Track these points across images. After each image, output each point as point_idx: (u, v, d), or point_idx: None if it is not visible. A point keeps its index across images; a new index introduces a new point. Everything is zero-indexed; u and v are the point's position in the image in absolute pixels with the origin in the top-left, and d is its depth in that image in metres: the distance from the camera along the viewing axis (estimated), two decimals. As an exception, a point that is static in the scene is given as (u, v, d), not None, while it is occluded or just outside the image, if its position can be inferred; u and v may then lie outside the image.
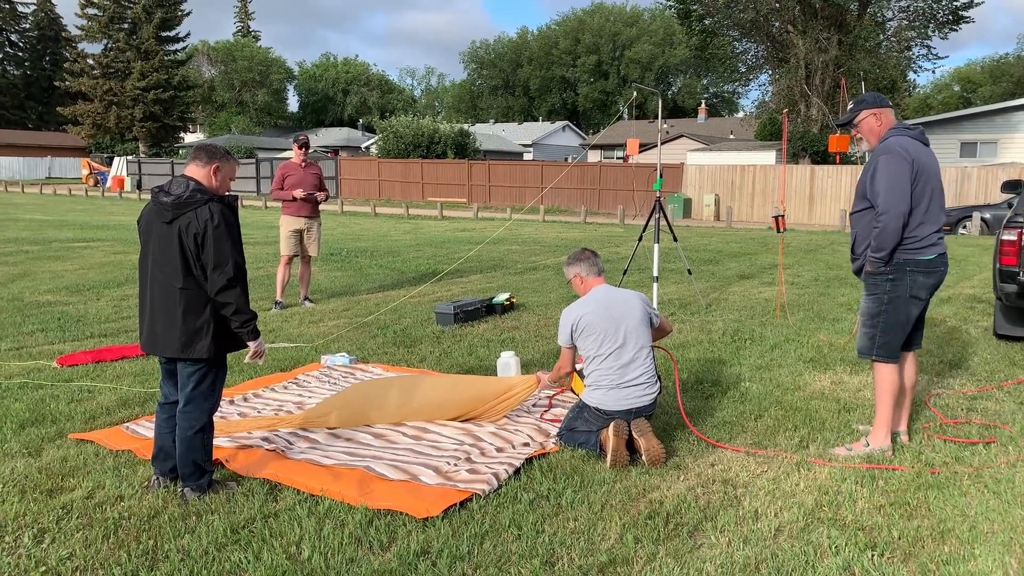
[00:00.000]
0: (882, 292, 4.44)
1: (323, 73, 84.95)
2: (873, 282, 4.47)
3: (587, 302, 4.63)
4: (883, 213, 4.27)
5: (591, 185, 31.46)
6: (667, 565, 3.23)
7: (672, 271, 12.07)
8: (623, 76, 72.54)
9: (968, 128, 29.28)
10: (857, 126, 4.60)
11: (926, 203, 4.34)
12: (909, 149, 4.32)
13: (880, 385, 4.53)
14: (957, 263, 13.56)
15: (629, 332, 4.52)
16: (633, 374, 4.50)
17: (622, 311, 4.56)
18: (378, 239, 18.19)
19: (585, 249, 4.85)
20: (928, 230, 4.36)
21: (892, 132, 4.45)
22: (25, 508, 3.72)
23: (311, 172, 9.04)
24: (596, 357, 4.53)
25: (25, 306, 9.00)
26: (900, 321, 4.45)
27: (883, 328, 4.46)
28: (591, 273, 4.76)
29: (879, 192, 4.30)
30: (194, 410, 3.83)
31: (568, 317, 4.63)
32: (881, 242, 4.31)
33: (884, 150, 4.37)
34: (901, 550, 3.38)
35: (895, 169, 4.28)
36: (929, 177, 4.36)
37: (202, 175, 3.80)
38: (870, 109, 4.53)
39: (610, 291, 4.68)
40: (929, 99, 70.41)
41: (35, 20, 74.47)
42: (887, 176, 4.28)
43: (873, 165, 4.39)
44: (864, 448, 4.47)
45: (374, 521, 3.60)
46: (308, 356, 6.78)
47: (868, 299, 4.53)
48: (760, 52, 34.24)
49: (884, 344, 4.48)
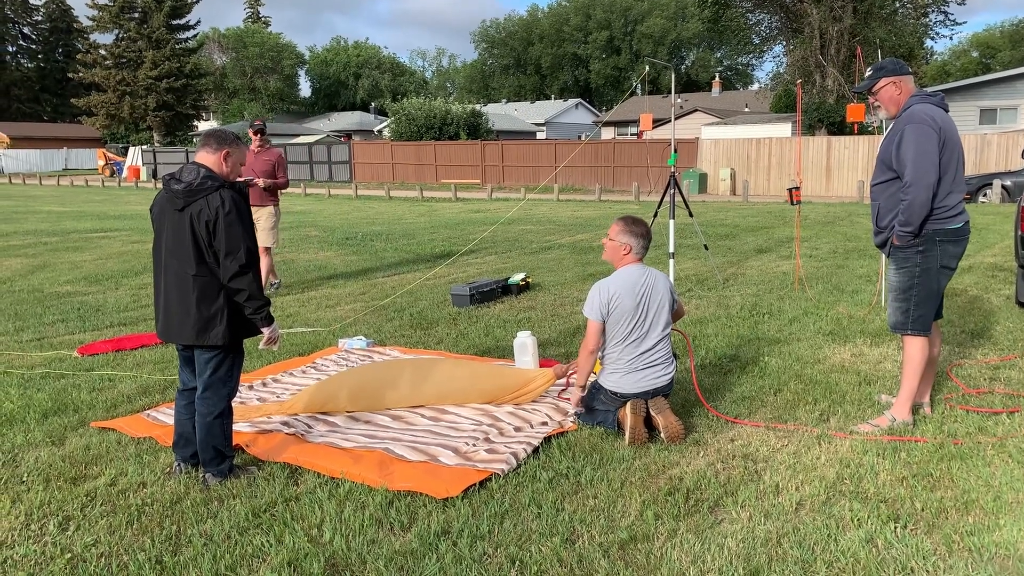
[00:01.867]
0: (913, 265, 4.33)
1: (334, 57, 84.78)
2: (903, 255, 4.36)
3: (621, 283, 4.41)
4: (912, 185, 4.15)
5: (605, 162, 31.27)
6: (688, 541, 3.22)
7: (688, 247, 12.00)
8: (635, 51, 71.91)
9: (987, 94, 28.82)
10: (876, 94, 4.45)
11: (953, 172, 4.24)
12: (936, 117, 4.20)
13: (912, 359, 4.44)
14: (978, 231, 13.40)
15: (656, 319, 4.43)
16: (652, 357, 4.44)
17: (652, 297, 4.42)
18: (393, 222, 18.20)
19: (646, 225, 4.56)
20: (956, 199, 4.26)
21: (914, 99, 4.31)
22: (50, 496, 3.76)
23: (263, 159, 8.67)
24: (620, 342, 4.44)
25: (45, 297, 9.09)
26: (933, 292, 4.37)
27: (916, 301, 4.37)
28: (638, 253, 4.50)
29: (907, 163, 4.18)
30: (212, 396, 3.85)
31: (603, 293, 4.40)
32: (910, 215, 4.19)
33: (910, 118, 4.23)
34: (925, 522, 3.36)
35: (924, 139, 4.14)
36: (954, 145, 4.25)
37: (212, 161, 3.79)
38: (890, 77, 4.38)
39: (643, 273, 4.46)
40: (947, 66, 69.34)
41: (47, 12, 74.78)
42: (915, 146, 4.15)
43: (899, 134, 4.25)
44: (889, 422, 4.41)
45: (394, 502, 3.61)
46: (325, 340, 6.80)
47: (898, 273, 4.41)
48: (774, 23, 33.84)
49: (919, 318, 4.39)
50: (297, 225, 17.69)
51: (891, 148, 4.30)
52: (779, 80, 35.41)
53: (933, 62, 62.56)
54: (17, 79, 72.20)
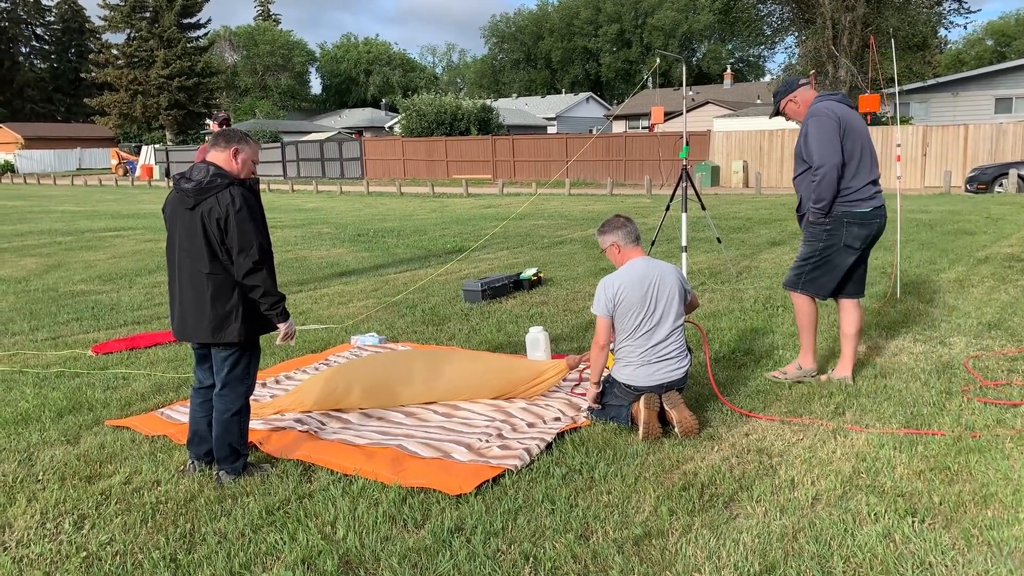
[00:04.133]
0: (818, 240, 4.92)
1: (345, 54, 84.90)
2: (812, 232, 4.93)
3: (626, 276, 4.40)
4: (820, 166, 4.70)
5: (617, 156, 31.16)
6: (703, 536, 3.20)
7: (701, 240, 11.94)
8: (646, 44, 71.60)
9: (1003, 83, 28.53)
10: (785, 113, 5.11)
11: (858, 157, 4.76)
12: (834, 109, 4.77)
13: (799, 315, 5.14)
14: (994, 222, 13.27)
15: (666, 311, 4.39)
16: (664, 350, 4.40)
17: (660, 288, 4.39)
18: (404, 218, 18.21)
19: (619, 216, 4.59)
20: (862, 181, 4.79)
21: (817, 99, 4.90)
22: (65, 495, 3.78)
23: None
24: (631, 335, 4.41)
25: (60, 296, 9.14)
26: (831, 266, 4.93)
27: (810, 268, 4.99)
28: (628, 241, 4.51)
29: (813, 150, 4.74)
30: (230, 393, 3.85)
31: (607, 289, 4.41)
32: (820, 192, 4.73)
33: (811, 114, 4.82)
34: (943, 516, 3.32)
35: (823, 127, 4.71)
36: (857, 134, 4.78)
37: (222, 159, 3.79)
38: (786, 96, 5.06)
39: (649, 265, 4.44)
40: (961, 55, 68.67)
41: (59, 13, 75.22)
42: (817, 134, 4.72)
43: (805, 129, 4.82)
44: (796, 369, 5.10)
45: (407, 499, 3.60)
46: (338, 337, 6.81)
47: (805, 244, 5.01)
48: (785, 13, 33.59)
49: (810, 280, 5.01)
50: (309, 222, 17.73)
51: (801, 142, 4.89)
52: (791, 71, 35.14)
53: (947, 51, 62.00)
54: (30, 80, 72.68)
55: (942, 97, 30.55)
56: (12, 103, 71.09)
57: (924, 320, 6.59)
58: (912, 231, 12.26)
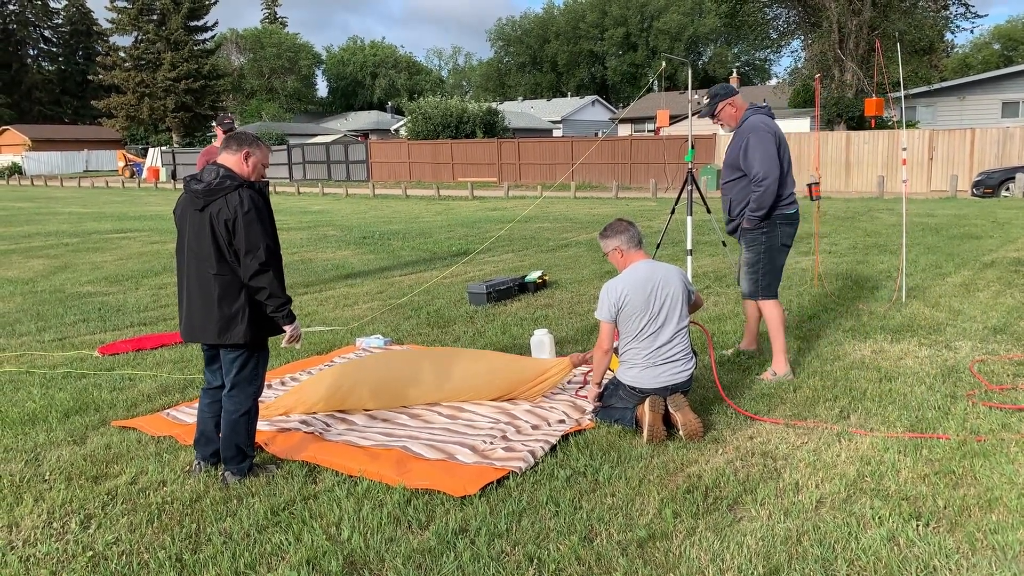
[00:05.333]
0: (759, 244, 5.30)
1: (351, 57, 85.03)
2: (751, 236, 5.32)
3: (629, 280, 4.42)
4: (764, 179, 5.10)
5: (622, 159, 31.15)
6: (707, 539, 3.20)
7: (706, 243, 11.94)
8: (652, 47, 71.57)
9: (1010, 87, 28.48)
10: (718, 116, 5.44)
11: (786, 168, 5.24)
12: (769, 125, 5.20)
13: (771, 320, 5.33)
14: (1000, 226, 13.24)
15: (670, 313, 4.40)
16: (669, 352, 4.40)
17: (664, 291, 4.40)
18: (410, 221, 18.24)
19: (621, 220, 4.64)
20: (789, 189, 5.27)
21: (749, 112, 5.32)
22: (72, 495, 3.80)
23: None
24: (635, 337, 4.41)
25: (67, 297, 9.18)
26: (777, 266, 5.35)
27: (763, 272, 5.33)
28: (631, 246, 4.55)
29: (754, 163, 5.13)
30: (239, 394, 3.87)
31: (611, 294, 4.43)
32: (763, 201, 5.14)
33: (752, 128, 5.20)
34: (947, 519, 3.32)
35: (767, 143, 5.14)
36: (785, 147, 5.27)
37: (233, 162, 3.81)
38: (725, 100, 5.39)
39: (652, 269, 4.46)
40: (968, 58, 68.52)
41: (67, 15, 75.55)
42: (761, 150, 5.12)
43: (744, 142, 5.20)
44: (772, 376, 5.24)
45: (412, 500, 3.61)
46: (343, 339, 6.82)
47: (748, 250, 5.37)
48: (791, 17, 33.58)
49: (767, 286, 5.35)
50: (315, 225, 17.77)
51: (737, 153, 5.28)
52: (797, 75, 35.11)
53: (954, 55, 61.88)
54: (38, 82, 73.01)
55: (948, 101, 30.50)
56: (20, 105, 71.40)
57: (929, 324, 6.58)
58: (918, 235, 12.24)
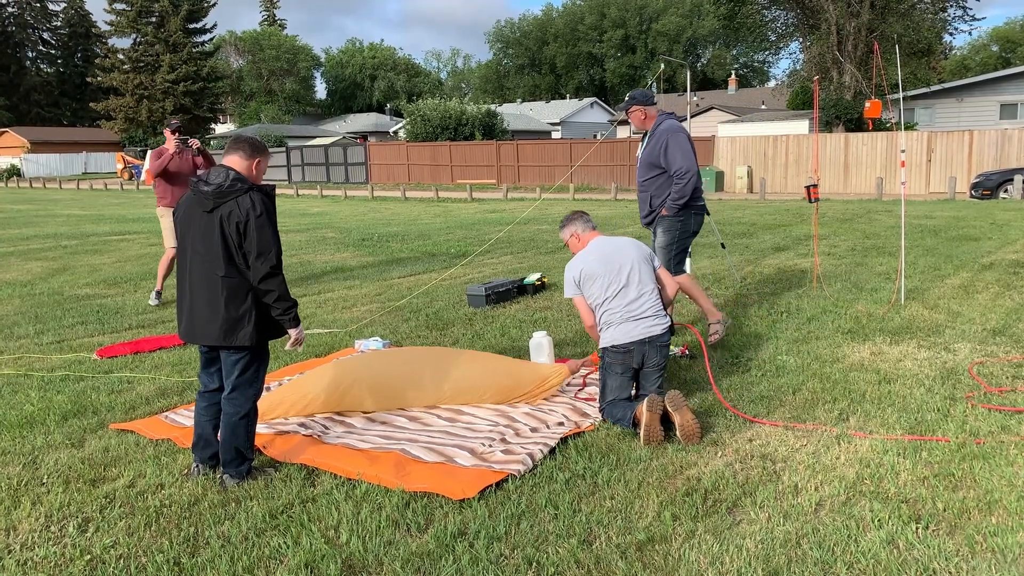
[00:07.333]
0: (675, 229, 6.14)
1: (350, 59, 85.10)
2: (669, 223, 6.14)
3: (585, 253, 4.83)
4: (686, 173, 5.94)
5: (621, 161, 31.16)
6: (706, 542, 3.20)
7: (705, 245, 11.94)
8: (651, 50, 71.65)
9: (1008, 89, 28.51)
10: (629, 116, 6.20)
11: (697, 166, 6.05)
12: (683, 128, 6.08)
13: (689, 288, 6.16)
14: (999, 228, 13.25)
15: (632, 271, 4.72)
16: (640, 308, 4.66)
17: (620, 255, 4.76)
18: (409, 223, 18.23)
19: (575, 211, 5.10)
20: (701, 184, 6.14)
21: (663, 116, 6.14)
22: (69, 498, 3.79)
23: (188, 158, 8.54)
24: (604, 300, 4.70)
25: (65, 300, 9.17)
26: (685, 248, 6.28)
27: (675, 252, 6.20)
28: (585, 229, 4.97)
29: (676, 159, 5.94)
30: (239, 397, 3.86)
31: (571, 270, 4.82)
32: (684, 192, 5.98)
33: (670, 130, 6.01)
34: (947, 522, 3.31)
35: (685, 143, 5.99)
36: (695, 151, 6.08)
37: (244, 167, 3.81)
38: (640, 106, 6.13)
39: (607, 240, 4.87)
40: (966, 60, 68.64)
41: (66, 18, 75.53)
42: (681, 148, 5.95)
43: (664, 142, 5.98)
44: (718, 327, 6.10)
45: (411, 504, 3.61)
46: (342, 341, 6.82)
47: (665, 234, 6.17)
48: (790, 19, 33.61)
49: (678, 264, 6.24)
50: (314, 227, 17.76)
51: (656, 152, 6.04)
52: (796, 77, 35.16)
53: (952, 57, 61.95)
54: (37, 84, 72.97)
55: (947, 103, 30.53)
56: (19, 107, 71.37)
57: (928, 326, 6.58)
58: (916, 237, 12.24)
